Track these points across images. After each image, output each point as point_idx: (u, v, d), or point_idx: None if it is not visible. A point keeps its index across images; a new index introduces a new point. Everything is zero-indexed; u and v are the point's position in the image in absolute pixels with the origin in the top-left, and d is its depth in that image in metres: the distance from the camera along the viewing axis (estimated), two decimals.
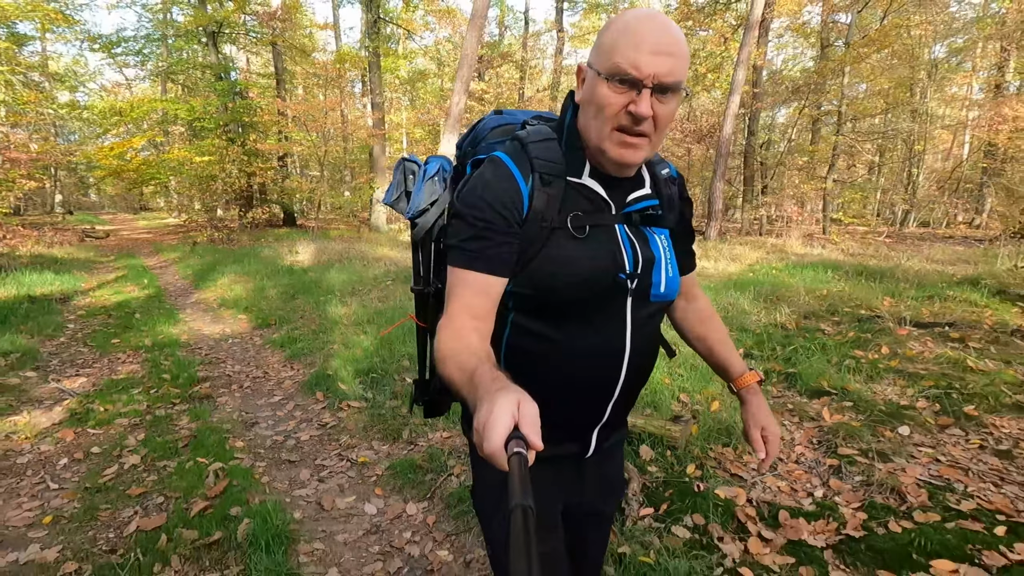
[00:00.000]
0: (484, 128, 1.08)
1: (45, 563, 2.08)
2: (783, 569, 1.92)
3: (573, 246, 0.90)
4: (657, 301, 0.98)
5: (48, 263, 9.43)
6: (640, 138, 0.85)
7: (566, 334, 0.92)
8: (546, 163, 0.90)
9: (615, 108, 0.83)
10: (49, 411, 3.49)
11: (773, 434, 1.08)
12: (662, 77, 0.80)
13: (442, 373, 0.80)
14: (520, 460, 0.54)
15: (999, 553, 1.87)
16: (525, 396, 0.61)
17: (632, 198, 0.96)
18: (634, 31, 0.81)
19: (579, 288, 0.90)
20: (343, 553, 2.19)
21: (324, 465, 2.88)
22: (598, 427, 1.02)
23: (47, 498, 2.54)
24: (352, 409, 3.47)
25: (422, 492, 2.56)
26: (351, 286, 7.02)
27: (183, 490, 2.53)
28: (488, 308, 0.88)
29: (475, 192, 0.90)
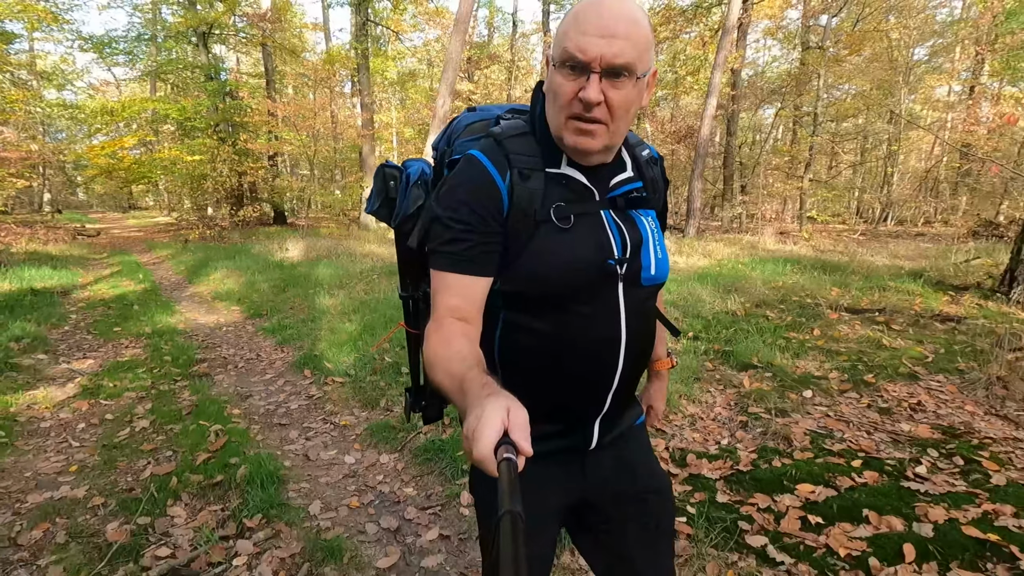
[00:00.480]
0: (459, 126, 1.07)
1: (76, 499, 2.51)
2: (681, 495, 2.39)
3: (559, 237, 0.89)
4: (649, 284, 0.97)
5: (44, 259, 9.77)
6: (595, 124, 0.83)
7: (560, 327, 0.91)
8: (522, 157, 0.89)
9: (567, 96, 0.82)
10: (63, 387, 3.91)
11: (657, 411, 1.27)
12: (610, 59, 0.78)
13: (432, 379, 0.80)
14: (510, 466, 0.55)
15: (849, 478, 2.35)
16: (515, 402, 0.62)
17: (615, 182, 0.95)
18: (581, 16, 0.80)
19: (569, 279, 0.89)
20: (325, 490, 2.64)
21: (311, 427, 3.33)
22: (599, 418, 1.00)
23: (70, 453, 2.97)
24: (336, 383, 3.92)
25: (394, 446, 3.02)
26: (338, 280, 7.45)
27: (188, 446, 2.97)
28: (475, 310, 0.88)
29: (452, 193, 0.89)
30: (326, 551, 2.14)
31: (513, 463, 0.55)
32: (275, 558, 2.12)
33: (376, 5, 19.97)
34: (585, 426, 0.99)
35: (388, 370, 4.00)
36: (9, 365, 4.17)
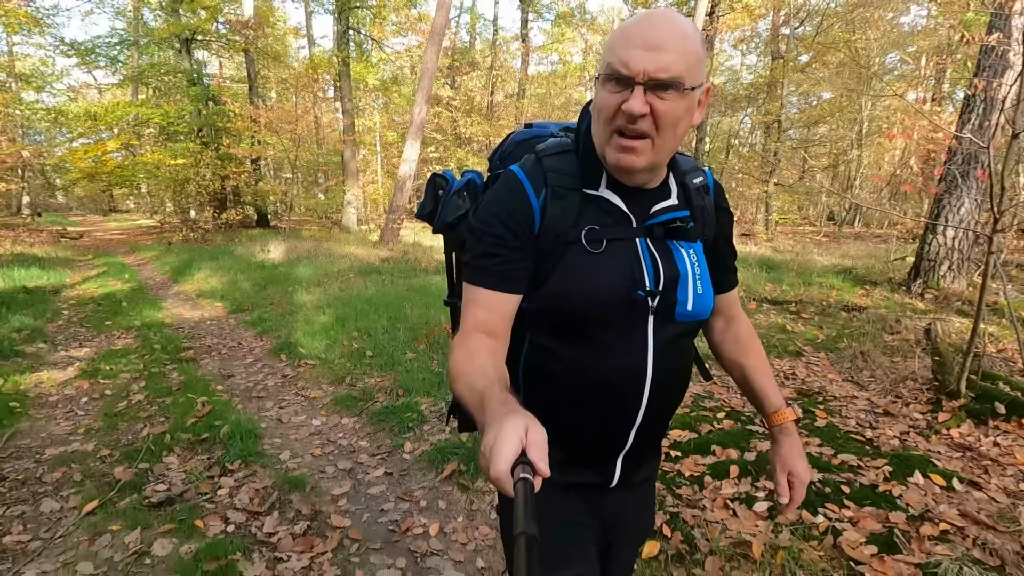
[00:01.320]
0: (512, 142, 1.08)
1: (86, 451, 3.06)
2: None
3: (588, 261, 0.87)
4: (684, 320, 0.93)
5: (31, 261, 10.18)
6: (639, 140, 0.82)
7: (583, 354, 0.89)
8: (560, 175, 0.89)
9: (611, 110, 0.81)
10: (64, 370, 4.44)
11: (801, 480, 1.02)
12: (653, 73, 0.78)
13: (454, 391, 0.81)
14: (526, 486, 0.54)
15: (711, 425, 2.99)
16: (533, 421, 0.61)
17: (655, 209, 0.92)
18: (628, 30, 0.80)
19: (593, 305, 0.87)
20: (294, 444, 3.22)
21: (284, 399, 3.90)
22: (622, 455, 0.97)
23: (77, 419, 3.51)
24: (308, 365, 4.50)
25: (354, 412, 3.61)
26: (317, 278, 8.00)
27: (179, 413, 3.53)
28: (502, 326, 0.87)
29: (487, 208, 0.90)
30: (292, 484, 2.73)
31: (530, 483, 0.55)
32: (251, 489, 2.69)
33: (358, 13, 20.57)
34: (608, 461, 0.97)
35: (355, 354, 4.58)
36: (14, 352, 4.69)
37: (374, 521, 2.48)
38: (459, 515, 2.49)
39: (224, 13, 18.87)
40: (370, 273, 8.45)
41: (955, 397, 2.89)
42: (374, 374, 4.17)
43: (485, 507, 2.53)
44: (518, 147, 1.05)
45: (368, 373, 4.20)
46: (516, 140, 1.08)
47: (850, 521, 2.10)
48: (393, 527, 2.42)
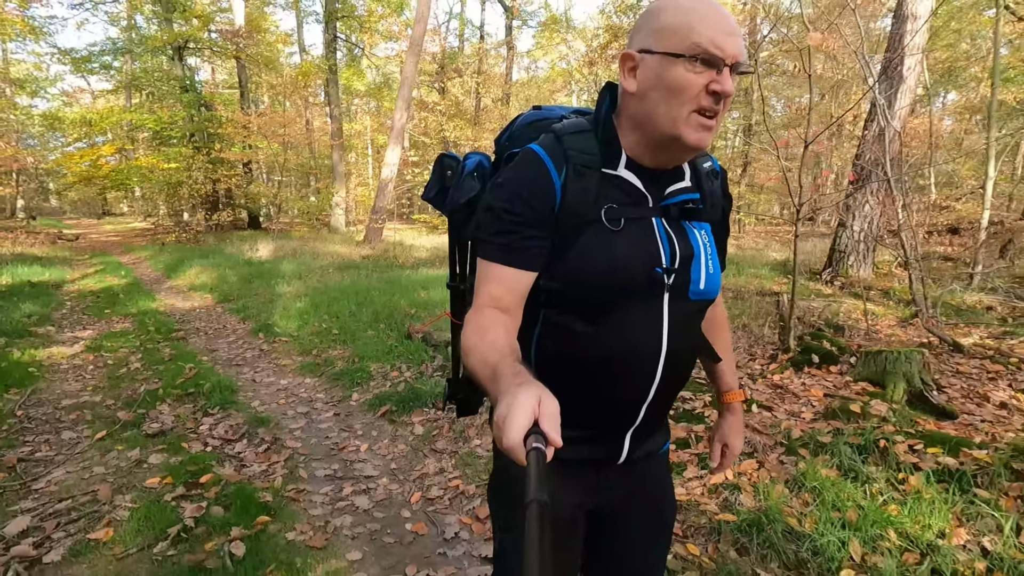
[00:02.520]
0: (521, 124, 1.09)
1: (95, 402, 3.81)
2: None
3: (607, 239, 0.88)
4: (697, 299, 0.96)
5: (32, 260, 10.91)
6: (714, 120, 0.84)
7: (599, 331, 0.90)
8: (581, 154, 0.89)
9: (696, 89, 0.81)
10: (71, 347, 5.18)
11: (733, 451, 1.15)
12: (738, 56, 0.82)
13: (466, 365, 0.83)
14: (538, 455, 0.55)
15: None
16: (546, 392, 0.63)
17: (671, 191, 0.94)
18: (707, 13, 0.81)
19: (613, 282, 0.88)
20: (264, 396, 3.98)
21: (259, 366, 4.66)
22: (631, 430, 0.99)
23: (85, 381, 4.26)
24: (281, 341, 5.27)
25: (316, 374, 4.37)
26: (298, 273, 8.75)
27: (170, 376, 4.28)
28: (516, 302, 0.89)
29: (506, 185, 0.90)
30: (259, 421, 3.48)
31: (542, 453, 0.56)
32: (226, 425, 3.45)
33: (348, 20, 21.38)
34: (617, 437, 0.99)
35: (322, 332, 5.34)
36: (27, 332, 5.44)
37: (319, 444, 3.24)
38: (385, 439, 3.26)
39: (216, 22, 19.66)
40: (348, 268, 9.21)
41: (787, 352, 3.66)
42: (336, 347, 4.94)
43: (405, 433, 3.30)
44: (527, 128, 1.06)
45: (331, 346, 4.96)
46: (526, 121, 1.08)
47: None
48: (333, 447, 3.19)
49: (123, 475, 2.80)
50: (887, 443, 2.47)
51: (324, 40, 18.53)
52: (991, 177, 6.21)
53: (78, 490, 2.63)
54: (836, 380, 3.38)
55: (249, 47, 20.23)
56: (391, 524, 2.41)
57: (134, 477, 2.77)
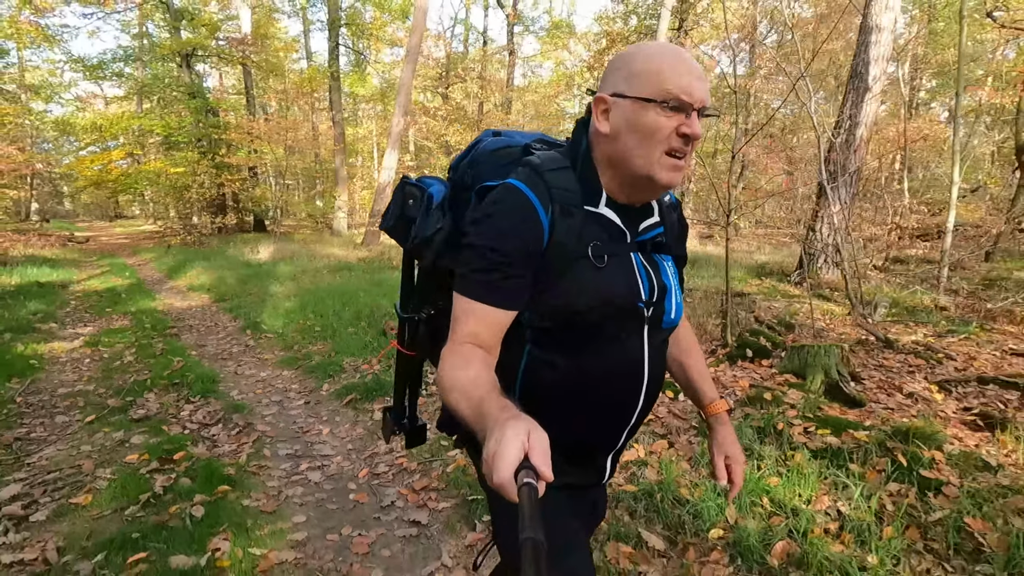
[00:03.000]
0: (483, 151, 1.08)
1: (88, 391, 4.15)
2: None
3: (593, 275, 0.91)
4: (668, 328, 1.02)
5: (41, 261, 11.37)
6: (684, 160, 0.90)
7: (586, 363, 0.94)
8: (565, 192, 0.91)
9: (666, 131, 0.87)
10: (71, 342, 5.55)
11: (738, 462, 1.15)
12: (704, 100, 0.88)
13: (447, 403, 0.82)
14: (530, 491, 0.55)
15: None
16: (535, 425, 0.63)
17: (645, 225, 1.00)
18: (676, 60, 0.87)
19: (600, 317, 0.92)
20: (243, 386, 4.31)
21: (243, 360, 5.00)
22: (612, 452, 1.05)
23: (81, 372, 4.61)
24: (267, 338, 5.61)
25: (294, 367, 4.70)
26: (293, 275, 9.11)
27: (158, 368, 4.62)
28: (495, 339, 0.90)
29: (492, 223, 0.90)
30: (235, 407, 3.81)
31: (534, 488, 0.56)
32: (205, 411, 3.78)
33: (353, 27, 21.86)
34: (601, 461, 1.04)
35: (306, 329, 5.67)
36: (32, 328, 5.83)
37: (287, 428, 3.56)
38: (346, 423, 3.57)
39: (223, 30, 20.20)
40: (342, 270, 9.56)
41: (725, 347, 3.93)
42: (317, 343, 5.26)
43: (365, 418, 3.61)
44: (492, 156, 1.06)
45: (312, 343, 5.29)
46: (488, 148, 1.08)
47: None
48: (298, 430, 3.50)
49: (106, 453, 3.13)
50: (784, 426, 2.75)
51: (328, 47, 18.97)
52: (956, 182, 6.42)
53: (66, 464, 2.96)
54: (764, 372, 3.64)
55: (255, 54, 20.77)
56: (337, 494, 2.72)
57: (116, 454, 3.10)
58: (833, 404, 3.16)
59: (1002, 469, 2.35)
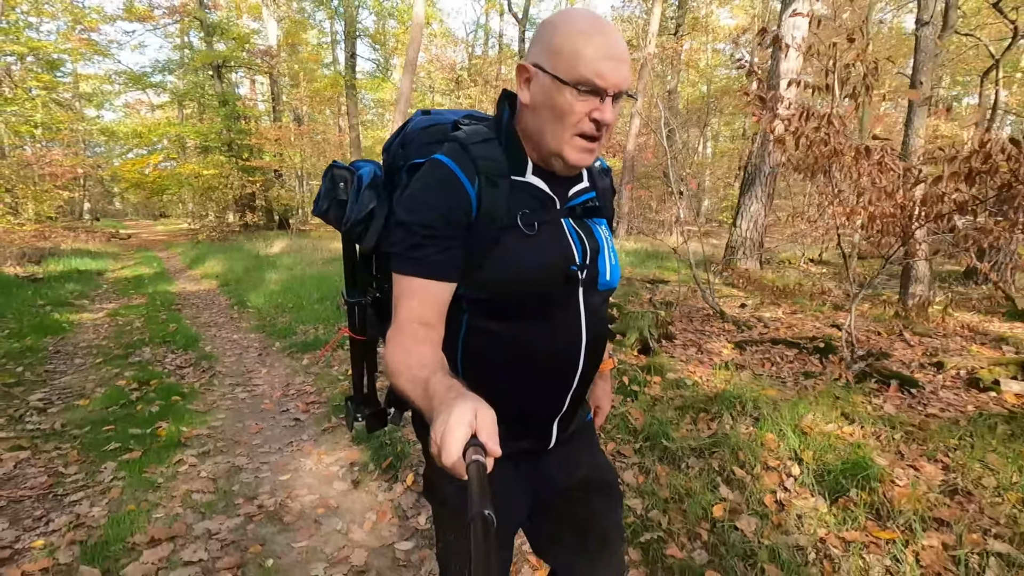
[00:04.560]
0: (413, 130, 1.08)
1: (102, 345, 5.49)
2: None
3: (525, 243, 0.92)
4: (604, 289, 1.03)
5: (85, 254, 13.12)
6: (597, 142, 0.90)
7: (525, 331, 0.95)
8: (490, 163, 0.92)
9: (579, 115, 0.87)
10: (96, 314, 6.97)
11: (603, 411, 1.30)
12: (619, 83, 0.86)
13: (395, 386, 0.84)
14: (479, 467, 0.57)
15: None
16: (481, 403, 0.65)
17: (574, 191, 1.01)
18: (594, 39, 0.84)
19: (534, 284, 0.93)
20: (217, 344, 5.58)
21: (223, 327, 6.30)
22: (557, 419, 1.06)
23: (100, 333, 5.98)
24: (248, 311, 6.90)
25: (261, 332, 5.95)
26: (291, 265, 10.47)
27: (157, 330, 5.94)
28: (438, 315, 0.91)
29: (419, 198, 0.91)
30: (206, 357, 5.07)
31: (482, 464, 0.58)
32: (183, 359, 5.04)
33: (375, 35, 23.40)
34: (545, 427, 1.06)
35: (281, 306, 6.94)
36: (68, 303, 7.30)
37: (238, 369, 4.78)
38: (281, 367, 4.77)
39: (252, 42, 21.99)
40: (335, 261, 10.86)
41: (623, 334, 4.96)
42: (284, 315, 6.52)
43: (296, 364, 4.80)
44: (421, 133, 1.06)
45: (281, 315, 6.55)
46: (418, 127, 1.08)
47: None
48: (245, 370, 4.73)
49: (105, 380, 4.41)
50: None
51: (344, 57, 20.49)
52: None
53: (75, 384, 4.26)
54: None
55: (281, 64, 22.50)
56: (252, 405, 3.91)
57: (111, 381, 4.37)
58: (640, 355, 4.18)
59: (694, 387, 3.35)
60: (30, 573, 2.06)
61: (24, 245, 12.14)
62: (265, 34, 21.68)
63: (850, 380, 3.32)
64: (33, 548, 2.22)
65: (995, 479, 2.22)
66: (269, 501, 2.62)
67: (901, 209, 3.26)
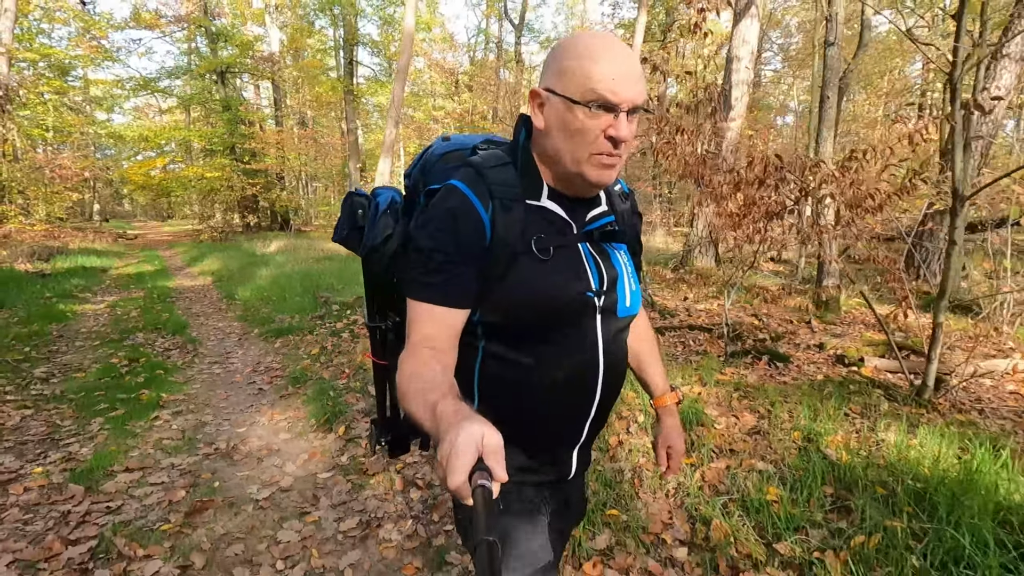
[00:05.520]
0: (433, 155, 1.10)
1: (101, 331, 6.15)
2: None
3: (539, 269, 0.92)
4: (624, 316, 1.02)
5: (92, 252, 13.87)
6: (617, 159, 0.90)
7: (540, 357, 0.95)
8: (504, 188, 0.93)
9: (593, 134, 0.87)
10: (98, 305, 7.65)
11: (677, 452, 1.23)
12: (634, 99, 0.86)
13: (404, 409, 0.83)
14: (484, 493, 0.57)
15: None
16: (488, 427, 0.63)
17: (591, 216, 1.00)
18: (603, 57, 0.85)
19: (549, 310, 0.93)
20: (202, 330, 6.23)
21: (211, 316, 6.96)
22: (577, 448, 1.06)
23: (100, 321, 6.64)
24: (235, 303, 7.56)
25: (243, 320, 6.59)
26: (282, 263, 11.13)
27: (150, 319, 6.59)
28: (450, 340, 0.91)
29: (433, 223, 0.92)
30: (192, 340, 5.71)
31: (488, 490, 0.57)
32: (172, 342, 5.68)
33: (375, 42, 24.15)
34: (566, 457, 1.06)
35: (265, 298, 7.59)
36: (72, 296, 7.99)
37: (218, 351, 5.42)
38: (255, 348, 5.40)
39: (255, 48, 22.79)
40: (326, 260, 11.51)
41: None
42: (267, 306, 7.16)
43: (269, 347, 5.43)
44: (440, 160, 1.07)
45: (265, 305, 7.19)
46: (437, 153, 1.09)
47: None
48: (224, 352, 5.36)
49: (101, 359, 5.06)
50: None
51: (343, 63, 21.25)
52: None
53: (74, 361, 4.91)
54: None
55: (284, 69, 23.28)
56: (225, 379, 4.54)
57: (106, 359, 5.02)
58: None
59: None
60: (31, 488, 2.69)
61: (35, 244, 12.91)
62: (268, 40, 22.49)
63: (726, 356, 3.90)
64: (33, 472, 2.85)
65: (791, 424, 2.80)
66: (224, 446, 3.24)
67: (741, 209, 3.83)
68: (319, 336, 5.54)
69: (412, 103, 28.30)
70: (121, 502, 2.58)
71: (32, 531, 2.33)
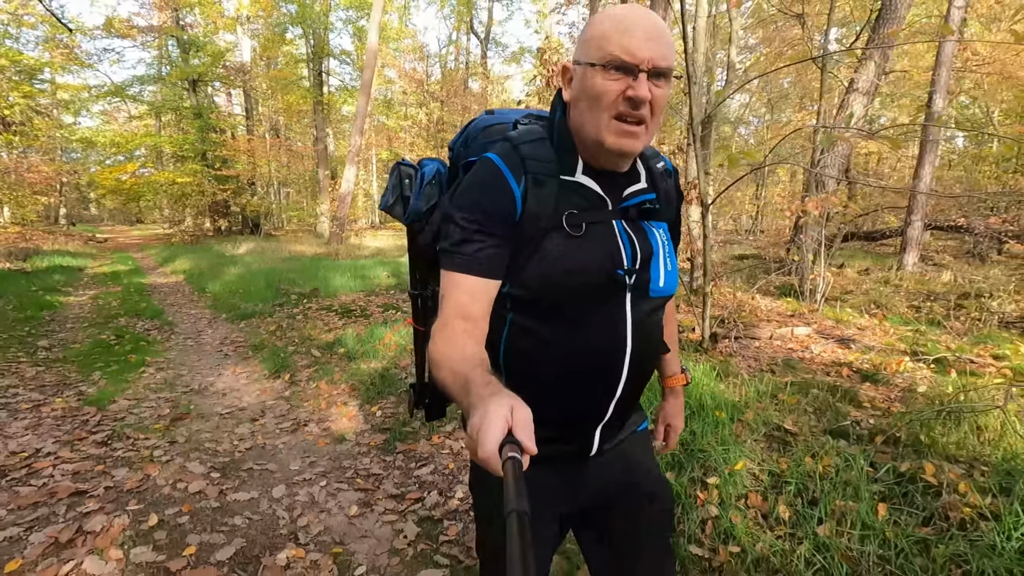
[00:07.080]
0: (475, 128, 1.12)
1: (87, 317, 7.16)
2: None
3: (569, 244, 0.93)
4: (657, 296, 1.02)
5: (66, 253, 14.67)
6: (638, 125, 0.89)
7: (566, 333, 0.96)
8: (538, 163, 0.94)
9: (612, 95, 0.87)
10: (80, 298, 8.62)
11: (675, 430, 1.32)
12: (656, 61, 0.85)
13: (436, 377, 0.86)
14: (514, 465, 0.58)
15: None
16: (518, 400, 0.65)
17: (628, 192, 1.00)
18: (623, 20, 0.86)
19: (576, 286, 0.93)
20: (177, 316, 7.29)
21: (183, 305, 8.00)
22: (600, 426, 1.06)
23: (84, 311, 7.64)
24: (206, 296, 8.61)
25: (213, 308, 7.66)
26: (252, 263, 12.15)
27: (130, 307, 7.61)
28: (482, 311, 0.93)
29: (466, 195, 0.95)
30: (167, 324, 6.77)
31: (518, 462, 0.58)
32: (151, 324, 6.73)
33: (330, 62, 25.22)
34: (586, 433, 1.05)
35: (233, 291, 8.65)
36: (57, 289, 8.95)
37: (191, 330, 6.50)
38: (222, 328, 6.49)
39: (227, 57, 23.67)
40: (290, 260, 12.57)
41: None
42: (235, 297, 8.23)
43: (234, 327, 6.52)
44: (482, 133, 1.10)
45: (232, 297, 8.26)
46: (480, 126, 1.12)
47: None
48: (196, 331, 6.44)
49: (91, 336, 6.10)
50: None
51: (311, 73, 22.30)
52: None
53: (69, 338, 5.95)
54: None
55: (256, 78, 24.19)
56: (197, 349, 5.64)
57: (96, 336, 6.06)
58: None
59: None
60: (56, 408, 3.78)
61: (9, 246, 13.70)
62: (240, 49, 23.41)
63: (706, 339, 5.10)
64: (55, 400, 3.94)
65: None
66: (197, 387, 4.36)
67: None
68: (278, 318, 6.66)
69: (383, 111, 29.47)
70: (124, 416, 3.70)
71: (64, 429, 3.45)
